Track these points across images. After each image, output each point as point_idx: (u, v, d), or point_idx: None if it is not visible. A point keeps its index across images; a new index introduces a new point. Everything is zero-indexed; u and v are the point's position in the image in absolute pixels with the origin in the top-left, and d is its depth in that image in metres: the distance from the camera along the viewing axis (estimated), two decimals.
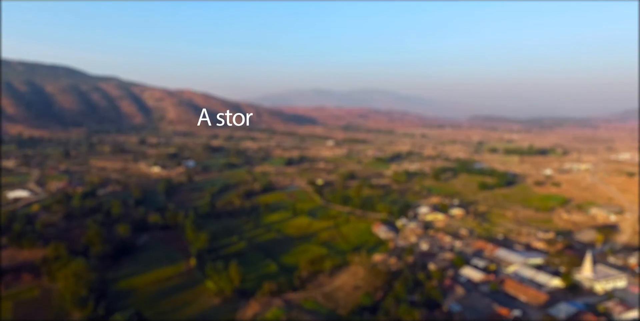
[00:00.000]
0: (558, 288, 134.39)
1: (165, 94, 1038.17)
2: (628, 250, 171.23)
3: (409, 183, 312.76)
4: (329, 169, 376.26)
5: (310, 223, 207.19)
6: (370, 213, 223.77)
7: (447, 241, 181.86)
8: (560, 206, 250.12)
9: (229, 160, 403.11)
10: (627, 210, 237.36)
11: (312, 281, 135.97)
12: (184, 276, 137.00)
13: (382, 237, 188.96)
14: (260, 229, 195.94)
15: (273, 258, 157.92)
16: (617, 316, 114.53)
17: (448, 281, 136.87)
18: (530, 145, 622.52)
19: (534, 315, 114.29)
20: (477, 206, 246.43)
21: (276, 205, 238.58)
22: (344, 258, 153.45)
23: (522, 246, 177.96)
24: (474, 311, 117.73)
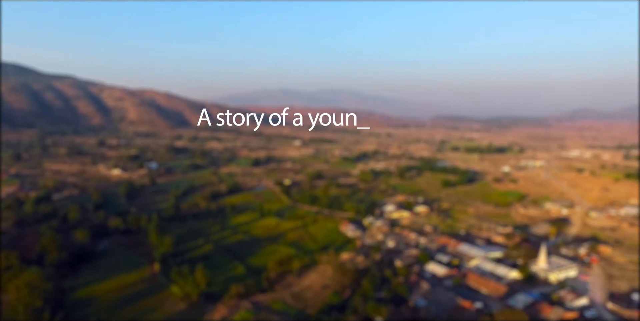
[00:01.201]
0: (516, 279, 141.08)
1: (126, 94, 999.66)
2: (578, 241, 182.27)
3: (375, 182, 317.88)
4: (296, 169, 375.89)
5: (278, 223, 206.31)
6: (337, 212, 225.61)
7: (413, 238, 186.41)
8: (518, 201, 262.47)
9: (194, 162, 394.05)
10: (577, 204, 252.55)
11: (281, 282, 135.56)
12: (147, 282, 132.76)
13: (350, 236, 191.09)
14: (227, 231, 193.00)
15: (240, 260, 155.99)
16: (569, 304, 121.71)
17: (414, 277, 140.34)
18: (489, 144, 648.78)
19: (494, 306, 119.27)
20: (440, 203, 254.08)
21: (243, 207, 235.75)
22: (312, 258, 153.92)
23: (483, 240, 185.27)
24: (439, 305, 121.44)
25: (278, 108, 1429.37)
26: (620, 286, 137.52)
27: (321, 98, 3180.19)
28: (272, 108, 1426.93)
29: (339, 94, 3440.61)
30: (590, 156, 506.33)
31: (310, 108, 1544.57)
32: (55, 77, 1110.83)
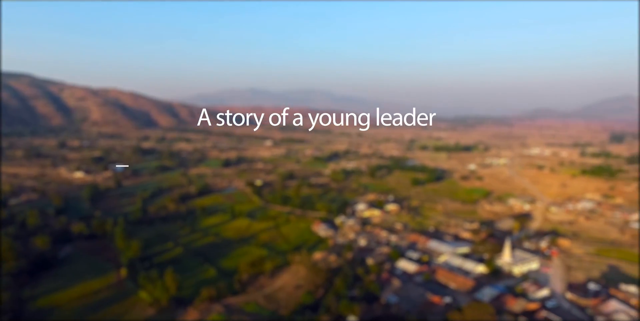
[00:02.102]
0: (483, 273, 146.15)
1: (88, 93, 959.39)
2: (540, 235, 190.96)
3: (347, 182, 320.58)
4: (267, 169, 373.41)
5: (250, 224, 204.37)
6: (309, 212, 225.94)
7: (384, 236, 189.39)
8: (483, 198, 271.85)
9: (162, 163, 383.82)
10: (538, 200, 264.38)
11: (253, 284, 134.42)
12: (114, 289, 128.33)
13: (322, 235, 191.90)
14: (198, 233, 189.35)
15: (212, 262, 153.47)
16: (531, 295, 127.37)
17: (385, 275, 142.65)
18: (456, 143, 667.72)
19: (463, 300, 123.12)
20: (410, 201, 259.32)
21: (214, 208, 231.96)
22: (284, 259, 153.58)
23: (451, 237, 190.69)
24: (410, 301, 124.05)
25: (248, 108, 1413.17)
26: (578, 276, 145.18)
27: (292, 98, 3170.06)
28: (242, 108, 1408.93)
29: (310, 94, 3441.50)
30: (550, 154, 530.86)
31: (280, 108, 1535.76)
32: (11, 76, 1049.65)
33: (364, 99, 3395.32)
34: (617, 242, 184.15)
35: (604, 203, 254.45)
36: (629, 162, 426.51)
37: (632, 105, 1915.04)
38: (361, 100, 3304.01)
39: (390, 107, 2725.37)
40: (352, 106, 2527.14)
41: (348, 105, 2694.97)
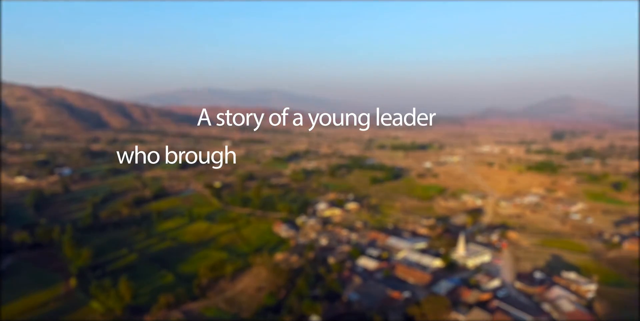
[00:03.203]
0: (439, 267, 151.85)
1: (30, 92, 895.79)
2: (491, 229, 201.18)
3: (307, 181, 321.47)
4: (226, 171, 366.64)
5: (209, 227, 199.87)
6: (270, 213, 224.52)
7: (345, 234, 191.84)
8: (439, 194, 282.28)
9: (114, 166, 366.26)
10: (489, 195, 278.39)
11: (213, 288, 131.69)
12: (62, 300, 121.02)
13: (283, 236, 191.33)
14: (154, 238, 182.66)
15: (169, 268, 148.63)
16: (484, 286, 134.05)
17: (346, 273, 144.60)
18: (412, 142, 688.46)
19: (421, 294, 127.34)
20: (369, 199, 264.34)
21: (171, 212, 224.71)
22: (245, 261, 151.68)
23: (409, 233, 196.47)
24: (370, 298, 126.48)
25: (205, 108, 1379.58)
26: (525, 266, 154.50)
27: (251, 98, 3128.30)
28: (199, 108, 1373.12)
29: (270, 94, 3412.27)
30: (499, 151, 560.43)
31: (239, 108, 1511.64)
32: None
33: (325, 99, 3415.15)
34: (559, 233, 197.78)
35: (547, 197, 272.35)
36: (569, 158, 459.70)
37: (571, 105, 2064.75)
38: (322, 101, 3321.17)
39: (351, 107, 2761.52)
40: (312, 106, 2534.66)
41: (308, 105, 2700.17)
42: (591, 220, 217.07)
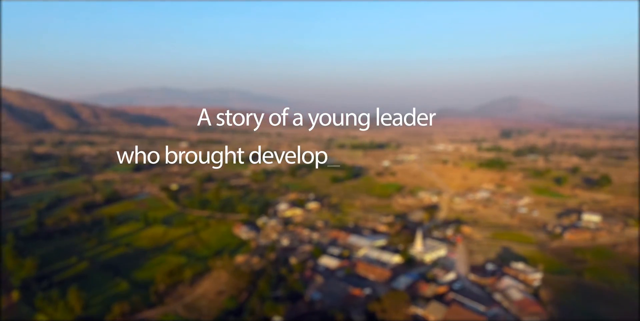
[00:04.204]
0: (398, 263, 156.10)
1: None
2: (446, 224, 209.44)
3: (268, 182, 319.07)
4: (184, 173, 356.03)
5: (166, 231, 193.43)
6: (230, 214, 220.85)
7: (306, 234, 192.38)
8: (397, 192, 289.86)
9: (60, 169, 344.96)
10: (444, 191, 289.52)
11: (172, 294, 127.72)
12: (4, 315, 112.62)
13: (244, 238, 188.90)
14: (106, 245, 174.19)
15: (124, 275, 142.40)
16: (440, 280, 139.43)
17: (308, 272, 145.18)
18: (371, 141, 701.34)
19: (381, 290, 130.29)
20: (330, 198, 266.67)
21: (124, 216, 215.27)
22: (205, 265, 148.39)
23: (369, 231, 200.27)
24: (332, 296, 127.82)
25: (159, 108, 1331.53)
26: (478, 259, 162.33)
27: (208, 97, 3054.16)
28: (153, 108, 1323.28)
29: (227, 93, 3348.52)
30: (452, 149, 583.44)
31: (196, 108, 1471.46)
32: None
33: (283, 99, 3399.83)
34: (509, 226, 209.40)
35: (497, 192, 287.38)
36: (516, 155, 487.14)
37: (517, 105, 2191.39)
38: (281, 100, 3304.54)
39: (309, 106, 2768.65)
40: (271, 106, 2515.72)
41: (267, 105, 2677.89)
42: (536, 213, 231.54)
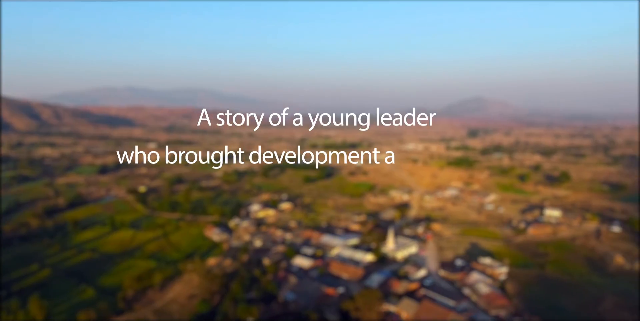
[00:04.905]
0: (371, 261, 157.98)
1: None
2: (417, 222, 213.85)
3: (240, 183, 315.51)
4: (152, 174, 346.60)
5: (134, 235, 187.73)
6: (201, 217, 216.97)
7: (279, 235, 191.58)
8: (369, 191, 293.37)
9: (19, 173, 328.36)
10: (415, 190, 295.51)
11: (141, 300, 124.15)
12: None
13: (216, 240, 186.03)
14: (70, 251, 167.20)
15: (89, 282, 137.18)
16: (412, 277, 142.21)
17: (282, 273, 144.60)
18: (343, 140, 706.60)
19: (355, 289, 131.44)
20: (303, 198, 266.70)
21: (89, 221, 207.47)
22: (176, 268, 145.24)
23: (342, 230, 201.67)
24: (306, 296, 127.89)
25: (126, 108, 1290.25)
26: (448, 255, 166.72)
27: (177, 97, 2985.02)
28: (119, 108, 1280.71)
29: (196, 93, 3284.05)
30: (422, 148, 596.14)
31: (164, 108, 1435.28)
32: None
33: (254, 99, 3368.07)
34: (476, 222, 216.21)
35: (465, 189, 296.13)
36: (482, 154, 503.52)
37: (483, 105, 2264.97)
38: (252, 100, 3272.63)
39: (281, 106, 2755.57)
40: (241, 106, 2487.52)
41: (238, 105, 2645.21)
42: (502, 209, 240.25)
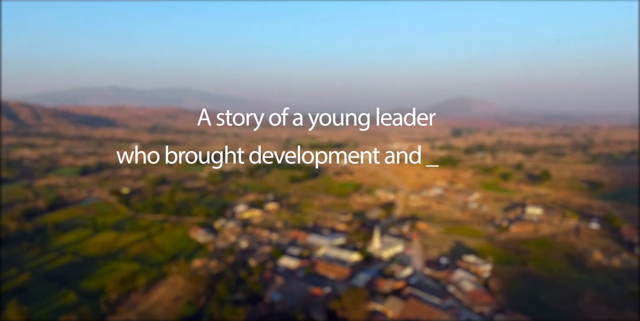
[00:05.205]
0: (357, 261, 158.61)
1: None
2: (402, 221, 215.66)
3: (225, 183, 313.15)
4: (135, 176, 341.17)
5: (117, 238, 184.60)
6: (186, 218, 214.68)
7: (265, 235, 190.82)
8: (355, 191, 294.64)
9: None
10: (400, 189, 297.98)
11: (124, 303, 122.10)
12: None
13: (201, 241, 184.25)
14: (50, 254, 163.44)
15: (71, 286, 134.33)
16: (398, 275, 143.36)
17: (268, 274, 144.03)
18: (329, 140, 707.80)
19: (341, 288, 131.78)
20: (289, 199, 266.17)
21: (70, 223, 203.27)
22: (160, 271, 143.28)
23: (328, 230, 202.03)
24: (293, 296, 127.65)
25: (108, 108, 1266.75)
26: (433, 253, 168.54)
27: (161, 97, 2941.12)
28: (101, 108, 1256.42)
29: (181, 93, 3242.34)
30: (407, 148, 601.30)
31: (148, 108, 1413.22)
32: None
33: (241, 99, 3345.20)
34: (460, 221, 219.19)
35: (450, 188, 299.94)
36: (466, 153, 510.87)
37: (466, 105, 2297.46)
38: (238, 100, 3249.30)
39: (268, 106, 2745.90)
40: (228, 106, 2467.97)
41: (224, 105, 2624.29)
42: (485, 207, 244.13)
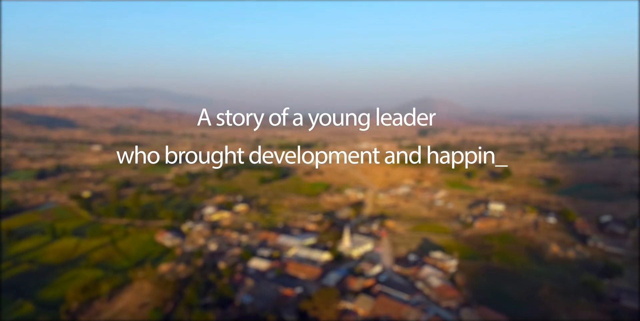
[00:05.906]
0: (328, 260, 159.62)
1: None
2: (371, 219, 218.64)
3: (193, 185, 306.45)
4: (97, 178, 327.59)
5: (78, 244, 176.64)
6: (152, 221, 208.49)
7: (235, 237, 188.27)
8: (325, 191, 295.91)
9: None
10: (369, 188, 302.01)
11: (87, 312, 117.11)
12: None
13: (168, 245, 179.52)
14: (5, 263, 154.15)
15: (27, 296, 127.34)
16: (367, 273, 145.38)
17: (238, 276, 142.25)
18: (298, 140, 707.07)
19: (312, 288, 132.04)
20: (259, 200, 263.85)
21: (26, 230, 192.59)
22: (125, 276, 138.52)
23: (298, 230, 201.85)
24: (264, 298, 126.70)
25: (66, 109, 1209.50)
26: (401, 251, 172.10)
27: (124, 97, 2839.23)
28: (58, 108, 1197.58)
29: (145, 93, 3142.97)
30: (376, 147, 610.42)
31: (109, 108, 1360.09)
32: None
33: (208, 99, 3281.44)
34: (427, 218, 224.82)
35: (417, 187, 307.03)
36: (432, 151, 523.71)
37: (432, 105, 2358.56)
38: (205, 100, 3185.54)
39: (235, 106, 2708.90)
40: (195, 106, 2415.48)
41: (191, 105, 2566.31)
42: (451, 204, 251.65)
